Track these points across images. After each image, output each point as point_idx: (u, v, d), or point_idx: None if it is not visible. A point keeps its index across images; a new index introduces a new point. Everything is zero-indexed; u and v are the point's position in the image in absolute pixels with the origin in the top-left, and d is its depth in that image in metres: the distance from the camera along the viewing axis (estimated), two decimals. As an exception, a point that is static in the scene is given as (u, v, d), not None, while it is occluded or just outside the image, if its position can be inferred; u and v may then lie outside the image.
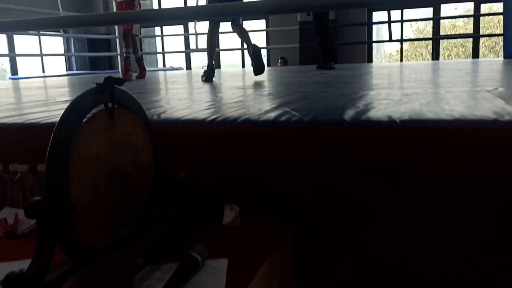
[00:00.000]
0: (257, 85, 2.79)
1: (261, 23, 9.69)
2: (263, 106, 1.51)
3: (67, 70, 10.06)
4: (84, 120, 0.88)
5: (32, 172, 1.25)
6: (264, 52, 11.00)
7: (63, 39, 9.78)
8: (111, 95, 0.93)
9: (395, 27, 8.87)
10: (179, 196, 1.14)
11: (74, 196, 0.85)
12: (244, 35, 3.70)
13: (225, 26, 4.08)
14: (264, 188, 1.16)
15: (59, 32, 8.20)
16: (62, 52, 9.99)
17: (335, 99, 1.70)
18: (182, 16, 2.58)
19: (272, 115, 1.29)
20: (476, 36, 9.11)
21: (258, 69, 3.39)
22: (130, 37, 4.65)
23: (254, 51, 3.43)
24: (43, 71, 9.59)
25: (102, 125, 0.93)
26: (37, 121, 1.40)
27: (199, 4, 6.36)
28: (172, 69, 9.15)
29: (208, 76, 3.57)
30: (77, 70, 9.93)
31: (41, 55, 9.27)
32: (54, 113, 1.60)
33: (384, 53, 19.08)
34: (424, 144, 1.05)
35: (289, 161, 1.15)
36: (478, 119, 1.08)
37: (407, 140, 1.07)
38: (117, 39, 7.68)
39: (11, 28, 2.77)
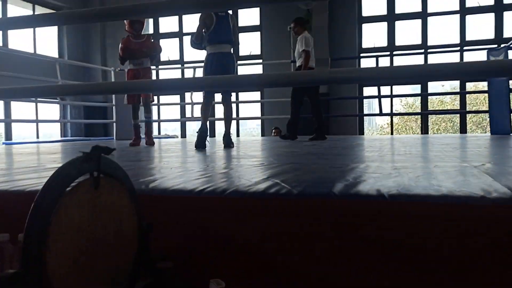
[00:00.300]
0: (250, 154, 2.80)
1: (256, 95, 9.96)
2: (253, 177, 1.51)
3: (61, 136, 10.14)
4: (68, 189, 0.87)
5: (13, 241, 1.21)
6: (258, 122, 11.16)
7: (60, 105, 9.94)
8: (97, 164, 0.92)
9: (386, 101, 9.14)
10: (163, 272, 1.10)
11: (51, 269, 0.82)
12: (228, 111, 4.04)
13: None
14: (251, 262, 1.13)
15: (56, 99, 8.34)
16: (58, 117, 10.11)
17: (326, 171, 1.70)
18: (180, 87, 2.65)
19: (262, 186, 1.28)
20: (463, 112, 9.38)
21: (227, 145, 3.81)
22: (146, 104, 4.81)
23: (226, 135, 3.90)
24: (37, 137, 9.65)
25: (86, 195, 0.91)
26: (22, 188, 1.38)
27: (196, 75, 6.60)
28: (167, 137, 9.24)
29: (200, 143, 3.79)
30: (72, 136, 10.01)
31: (37, 121, 9.37)
32: (41, 180, 1.59)
33: (375, 125, 19.52)
34: (412, 219, 1.04)
35: (278, 234, 1.13)
36: (465, 195, 1.08)
37: (396, 215, 1.06)
38: (114, 107, 7.85)
39: (10, 95, 2.82)
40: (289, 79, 1.68)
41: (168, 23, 10.85)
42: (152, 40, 4.85)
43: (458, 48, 8.67)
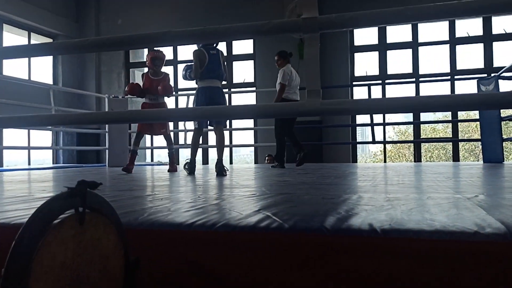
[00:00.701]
0: (242, 184, 2.78)
1: (249, 122, 9.99)
2: (244, 209, 1.48)
3: (54, 163, 10.06)
4: (52, 225, 0.84)
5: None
6: (251, 149, 11.16)
7: (52, 132, 9.90)
8: (82, 199, 0.90)
9: (379, 128, 9.20)
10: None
11: (32, 309, 0.79)
12: (221, 139, 4.23)
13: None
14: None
15: (49, 126, 8.31)
16: (50, 144, 10.05)
17: (318, 203, 1.68)
18: (173, 117, 2.66)
19: (253, 220, 1.26)
20: (455, 140, 9.44)
21: (219, 172, 3.92)
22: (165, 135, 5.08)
23: (218, 162, 4.02)
24: (29, 164, 9.57)
25: (70, 231, 0.89)
26: (8, 221, 1.35)
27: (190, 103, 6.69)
28: (160, 164, 9.19)
29: (190, 170, 4.15)
30: (64, 163, 9.92)
31: (29, 148, 9.31)
32: (29, 211, 1.55)
33: (369, 152, 19.61)
34: (404, 255, 1.02)
35: (268, 269, 1.10)
36: (459, 230, 1.06)
37: (388, 251, 1.04)
38: (107, 134, 7.83)
39: (4, 124, 2.80)
40: (281, 110, 1.68)
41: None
42: (168, 79, 5.04)
43: (449, 77, 8.80)
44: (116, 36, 1.79)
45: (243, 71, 10.18)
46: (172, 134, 10.27)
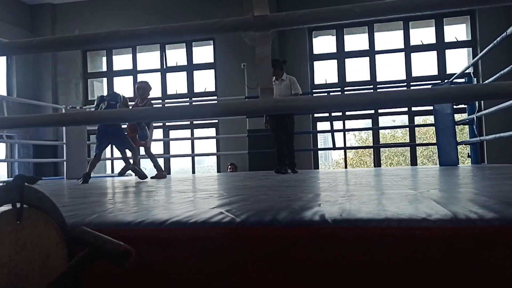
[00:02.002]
0: (200, 188, 2.75)
1: (211, 131, 9.95)
2: (197, 208, 1.46)
3: (8, 177, 9.67)
4: (-16, 221, 0.80)
5: None
6: (214, 159, 11.10)
7: (6, 144, 9.53)
8: (19, 194, 0.86)
9: (340, 136, 9.36)
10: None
11: (-38, 310, 0.74)
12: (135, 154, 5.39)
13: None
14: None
15: (2, 138, 8.00)
16: (4, 157, 9.66)
17: (273, 201, 1.68)
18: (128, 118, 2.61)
19: (204, 216, 1.24)
20: (412, 144, 9.72)
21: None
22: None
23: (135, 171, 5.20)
24: (-19, 177, 9.17)
25: (7, 227, 0.84)
26: None
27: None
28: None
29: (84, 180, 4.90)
30: (19, 176, 9.54)
31: (-19, 160, 8.92)
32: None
33: (331, 161, 19.91)
34: (355, 244, 1.03)
35: (219, 264, 1.08)
36: (407, 218, 1.08)
37: (339, 240, 1.04)
38: (64, 146, 7.60)
39: None
40: (237, 109, 1.67)
41: (122, 61, 10.79)
42: (149, 103, 5.78)
43: (405, 83, 9.07)
44: (62, 36, 1.74)
45: (204, 80, 10.15)
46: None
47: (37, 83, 10.43)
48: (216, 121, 9.54)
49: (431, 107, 6.81)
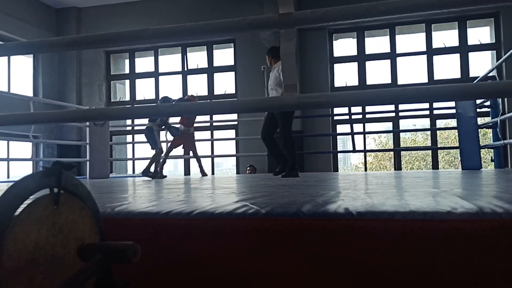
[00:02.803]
0: (222, 186, 2.78)
1: (231, 132, 10.01)
2: (222, 201, 1.49)
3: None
4: (25, 204, 0.84)
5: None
6: (232, 162, 11.14)
7: (32, 143, 9.75)
8: (57, 180, 0.90)
9: (360, 139, 9.31)
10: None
11: (5, 287, 0.78)
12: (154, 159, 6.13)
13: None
14: (217, 283, 1.09)
15: (29, 137, 8.19)
16: (30, 156, 9.89)
17: (296, 197, 1.69)
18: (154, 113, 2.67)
19: (230, 208, 1.27)
20: (434, 148, 9.59)
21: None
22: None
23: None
24: (8, 177, 9.38)
25: (45, 211, 0.88)
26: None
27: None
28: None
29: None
30: (43, 175, 9.75)
31: (8, 159, 9.14)
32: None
33: (350, 165, 19.75)
34: (380, 236, 1.04)
35: (245, 254, 1.10)
36: (433, 211, 1.09)
37: (363, 232, 1.05)
38: (88, 146, 7.74)
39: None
40: (259, 105, 1.70)
41: (144, 63, 10.94)
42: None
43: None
44: (93, 35, 1.79)
45: (224, 83, 10.22)
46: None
47: (62, 84, 10.65)
48: (236, 122, 9.59)
49: (453, 111, 6.72)
